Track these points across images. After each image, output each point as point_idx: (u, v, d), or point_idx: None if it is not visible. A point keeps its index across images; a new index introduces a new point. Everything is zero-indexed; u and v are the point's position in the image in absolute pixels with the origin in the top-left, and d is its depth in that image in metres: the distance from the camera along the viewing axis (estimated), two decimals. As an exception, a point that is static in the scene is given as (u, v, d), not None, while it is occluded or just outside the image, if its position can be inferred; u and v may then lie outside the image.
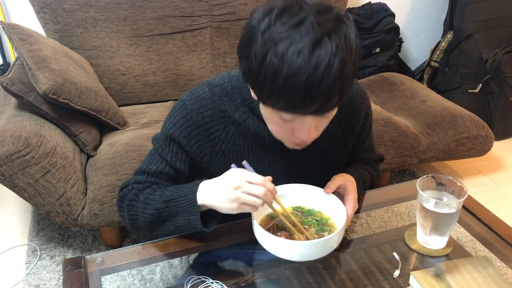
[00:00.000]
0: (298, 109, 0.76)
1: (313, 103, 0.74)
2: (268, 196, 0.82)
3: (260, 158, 0.99)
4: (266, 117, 0.85)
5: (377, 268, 0.94)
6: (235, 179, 0.83)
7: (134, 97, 2.11)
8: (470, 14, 2.46)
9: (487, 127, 2.08)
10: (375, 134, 1.88)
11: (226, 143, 0.96)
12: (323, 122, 0.84)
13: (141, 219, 0.94)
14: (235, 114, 0.95)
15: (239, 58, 0.80)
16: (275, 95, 0.75)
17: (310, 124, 0.81)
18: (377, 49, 2.49)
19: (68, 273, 0.90)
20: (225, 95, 0.95)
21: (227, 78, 0.97)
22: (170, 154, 0.97)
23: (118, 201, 1.00)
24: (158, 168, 0.97)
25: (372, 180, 1.15)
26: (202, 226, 0.89)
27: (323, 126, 0.86)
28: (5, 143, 1.47)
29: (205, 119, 0.94)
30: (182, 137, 0.95)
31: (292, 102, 0.75)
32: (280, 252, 0.85)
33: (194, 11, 2.10)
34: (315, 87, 0.72)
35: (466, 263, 0.88)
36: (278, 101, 0.76)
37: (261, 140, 0.97)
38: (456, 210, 0.91)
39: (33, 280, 1.67)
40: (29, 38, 1.72)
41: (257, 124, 0.95)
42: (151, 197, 0.92)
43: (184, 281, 0.90)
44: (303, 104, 0.75)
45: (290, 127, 0.83)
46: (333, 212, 0.95)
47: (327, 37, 0.71)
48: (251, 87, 0.81)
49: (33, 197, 1.53)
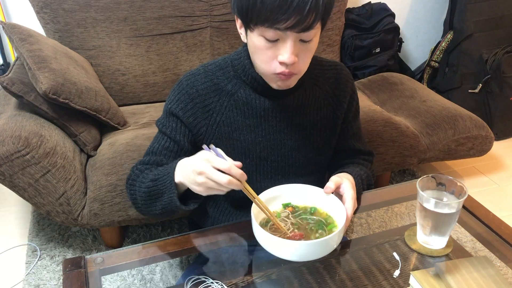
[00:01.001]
0: (278, 21, 0.83)
1: (292, 13, 0.82)
2: (234, 183, 0.82)
3: (253, 130, 1.03)
4: (254, 46, 0.91)
5: (377, 268, 0.94)
6: (201, 164, 0.83)
7: (134, 97, 2.11)
8: (470, 14, 2.46)
9: (487, 127, 2.08)
10: (375, 134, 1.88)
11: (220, 115, 1.02)
12: (304, 50, 0.90)
13: (138, 198, 1.00)
14: (227, 86, 1.03)
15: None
16: (258, 6, 0.83)
17: (291, 44, 0.87)
18: (377, 49, 2.49)
19: (68, 273, 0.90)
20: (218, 69, 1.04)
21: (221, 58, 1.07)
22: (170, 128, 1.04)
23: (126, 183, 1.08)
24: (160, 144, 1.05)
25: (369, 180, 1.15)
26: (179, 204, 0.91)
27: (304, 56, 0.92)
28: (5, 143, 1.47)
29: (199, 92, 1.02)
30: (179, 109, 1.02)
31: (273, 11, 0.82)
32: (280, 252, 0.85)
33: (194, 11, 2.10)
34: None
35: (466, 263, 0.88)
36: (261, 13, 0.84)
37: (253, 111, 1.02)
38: (456, 210, 0.91)
39: (33, 280, 1.67)
40: (29, 38, 1.72)
41: (248, 94, 1.02)
42: (146, 176, 0.98)
43: (184, 281, 0.90)
44: (282, 13, 0.82)
45: (274, 52, 0.89)
46: (333, 212, 0.95)
47: None
48: (239, 14, 0.91)
49: (33, 197, 1.53)
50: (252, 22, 0.87)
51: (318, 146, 1.09)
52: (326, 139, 1.10)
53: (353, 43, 2.44)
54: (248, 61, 1.00)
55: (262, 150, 1.05)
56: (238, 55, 1.03)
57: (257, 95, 1.02)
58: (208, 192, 0.85)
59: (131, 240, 1.85)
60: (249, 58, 0.99)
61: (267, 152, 1.05)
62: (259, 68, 0.96)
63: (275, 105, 1.02)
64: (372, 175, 1.19)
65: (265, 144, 1.04)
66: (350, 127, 1.14)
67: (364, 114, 1.91)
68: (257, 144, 1.04)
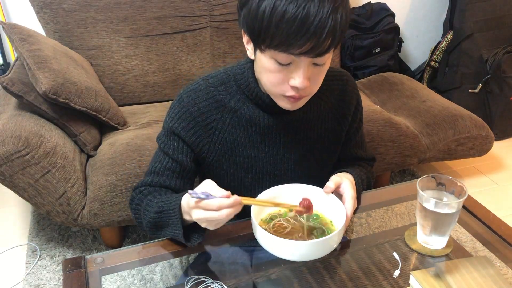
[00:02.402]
0: (293, 46, 0.79)
1: (308, 39, 0.78)
2: (232, 212, 0.82)
3: (256, 145, 1.01)
4: (263, 67, 0.88)
5: (377, 268, 0.94)
6: (196, 213, 0.84)
7: (134, 97, 2.11)
8: (470, 14, 2.46)
9: (487, 127, 2.08)
10: (375, 134, 1.89)
11: (222, 132, 0.99)
12: (317, 73, 0.87)
13: (144, 223, 0.98)
14: (230, 102, 0.99)
15: (239, 10, 0.86)
16: (272, 30, 0.79)
17: (304, 69, 0.84)
18: (377, 49, 2.49)
19: (68, 273, 0.90)
20: (220, 84, 0.99)
21: (222, 70, 1.02)
22: (172, 148, 1.00)
23: (129, 202, 1.06)
24: (162, 164, 1.01)
25: (368, 181, 1.15)
26: (184, 241, 0.91)
27: (316, 79, 0.89)
28: (5, 143, 1.47)
29: (201, 110, 0.98)
30: (180, 129, 0.98)
31: (288, 36, 0.78)
32: (280, 252, 0.85)
33: (194, 11, 2.10)
34: (310, 19, 0.77)
35: (466, 263, 0.88)
36: (275, 37, 0.80)
37: (256, 127, 0.99)
38: (456, 210, 0.91)
39: (33, 280, 1.67)
40: (29, 38, 1.72)
41: (252, 111, 0.98)
42: (150, 204, 0.96)
43: (184, 281, 0.90)
44: (298, 38, 0.78)
45: (286, 75, 0.86)
46: (333, 212, 0.95)
47: None
48: (249, 33, 0.86)
49: (33, 197, 1.53)
50: (264, 44, 0.83)
51: (322, 158, 1.07)
52: (330, 151, 1.09)
53: (353, 43, 2.44)
54: (253, 79, 0.96)
55: (264, 165, 1.03)
56: (241, 69, 0.99)
57: (261, 112, 0.99)
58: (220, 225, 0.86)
59: (131, 240, 1.85)
60: (254, 75, 0.96)
61: (270, 167, 1.03)
62: (267, 88, 0.92)
63: (279, 121, 1.00)
64: (372, 177, 1.19)
65: (268, 159, 1.02)
66: (354, 136, 1.12)
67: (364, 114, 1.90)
68: (260, 160, 1.02)
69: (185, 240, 0.92)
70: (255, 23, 0.81)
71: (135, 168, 1.61)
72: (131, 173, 1.60)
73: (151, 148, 1.66)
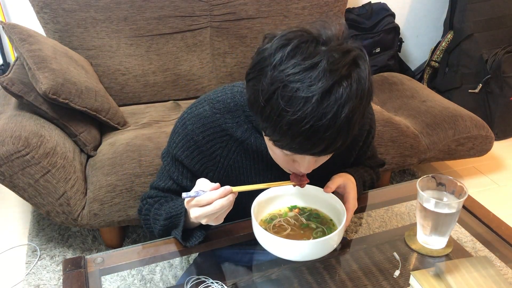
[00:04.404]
0: (300, 152, 0.76)
1: (316, 148, 0.74)
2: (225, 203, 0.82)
3: (261, 173, 0.99)
4: (269, 148, 0.86)
5: (377, 268, 0.94)
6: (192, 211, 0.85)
7: (134, 97, 2.11)
8: (470, 14, 2.46)
9: (487, 127, 2.08)
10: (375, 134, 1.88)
11: (228, 160, 0.97)
12: (325, 158, 0.85)
13: (155, 231, 1.01)
14: (237, 132, 0.94)
15: (247, 81, 0.79)
16: (278, 135, 0.75)
17: (310, 161, 0.82)
18: (377, 49, 2.49)
19: (68, 273, 0.90)
20: (227, 111, 0.94)
21: (230, 94, 0.95)
22: (176, 174, 1.00)
23: (138, 212, 1.09)
24: (166, 185, 1.02)
25: (372, 182, 1.15)
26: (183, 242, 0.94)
27: (324, 160, 0.86)
28: (5, 143, 1.47)
29: (206, 139, 0.94)
30: (184, 157, 0.96)
31: (294, 145, 0.74)
32: (280, 252, 0.85)
33: (194, 11, 2.10)
34: (320, 134, 0.71)
35: (466, 263, 0.88)
36: (280, 141, 0.76)
37: (263, 156, 0.97)
38: (456, 210, 0.91)
39: (33, 280, 1.67)
40: (29, 38, 1.72)
41: (260, 142, 0.95)
42: (158, 213, 0.98)
43: (184, 281, 0.90)
44: (305, 148, 0.74)
45: (292, 159, 0.84)
46: (333, 212, 0.95)
47: (337, 85, 0.70)
48: (259, 125, 0.82)
49: (33, 197, 1.53)
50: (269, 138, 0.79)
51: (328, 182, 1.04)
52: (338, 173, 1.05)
53: (353, 43, 2.44)
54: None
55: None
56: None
57: None
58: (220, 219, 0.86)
59: (131, 240, 1.85)
60: None
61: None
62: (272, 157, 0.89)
63: None
64: (376, 178, 1.17)
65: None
66: (364, 154, 1.10)
67: (364, 114, 1.90)
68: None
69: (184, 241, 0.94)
70: (261, 118, 0.76)
71: (135, 168, 1.61)
72: (131, 173, 1.60)
73: (151, 148, 1.66)
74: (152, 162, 1.62)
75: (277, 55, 0.72)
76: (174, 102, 2.13)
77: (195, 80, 2.17)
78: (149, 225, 1.03)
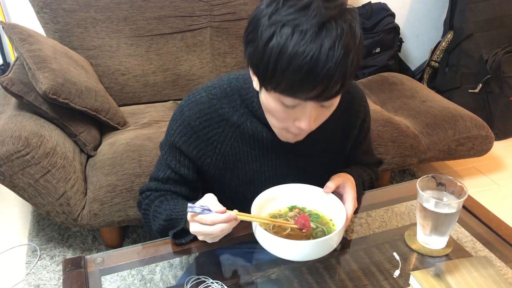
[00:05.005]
0: (300, 92, 0.76)
1: (315, 86, 0.75)
2: (226, 228, 0.84)
3: (258, 159, 1.00)
4: (268, 106, 0.85)
5: (377, 268, 0.94)
6: (193, 226, 0.87)
7: (134, 97, 2.11)
8: (470, 14, 2.46)
9: (487, 127, 2.08)
10: (375, 134, 1.88)
11: (225, 146, 0.98)
12: (323, 113, 0.85)
13: (154, 228, 1.01)
14: (233, 117, 0.96)
15: (245, 43, 0.81)
16: (278, 75, 0.75)
17: (311, 112, 0.81)
18: (377, 49, 2.49)
19: (68, 273, 0.90)
20: (223, 96, 0.96)
21: (226, 80, 0.98)
22: (174, 161, 1.00)
23: (137, 205, 1.09)
24: (165, 175, 1.02)
25: (371, 182, 1.15)
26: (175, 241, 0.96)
27: (322, 118, 0.86)
28: (5, 143, 1.47)
29: (202, 124, 0.96)
30: (181, 143, 0.97)
31: (295, 83, 0.75)
32: (280, 252, 0.85)
33: (194, 11, 2.10)
34: (319, 68, 0.72)
35: (466, 263, 0.88)
36: (281, 83, 0.76)
37: (259, 142, 0.98)
38: (456, 210, 0.91)
39: (33, 280, 1.67)
40: (29, 38, 1.72)
41: (255, 126, 0.96)
42: (158, 210, 0.99)
43: (184, 281, 0.90)
44: (305, 86, 0.75)
45: (291, 115, 0.83)
46: (333, 212, 0.95)
47: (333, 21, 0.73)
48: (254, 72, 0.82)
49: (33, 197, 1.53)
50: (270, 86, 0.79)
51: (325, 172, 1.04)
52: (334, 164, 1.07)
53: (353, 43, 2.44)
54: (257, 100, 0.92)
55: (267, 179, 1.02)
56: (246, 83, 0.95)
57: (265, 127, 0.96)
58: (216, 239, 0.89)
59: (131, 240, 1.85)
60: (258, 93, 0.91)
61: (273, 181, 1.00)
62: (269, 122, 0.90)
63: None
64: (376, 178, 1.18)
65: (271, 174, 1.01)
66: (360, 145, 1.10)
67: (364, 114, 1.91)
68: (262, 173, 1.01)
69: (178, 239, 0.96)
70: (260, 65, 0.77)
71: (135, 168, 1.61)
72: (131, 173, 1.60)
73: (151, 148, 1.66)
74: (152, 162, 1.62)
75: (272, 4, 0.76)
76: (174, 102, 2.13)
77: (195, 80, 2.17)
78: (148, 220, 1.03)
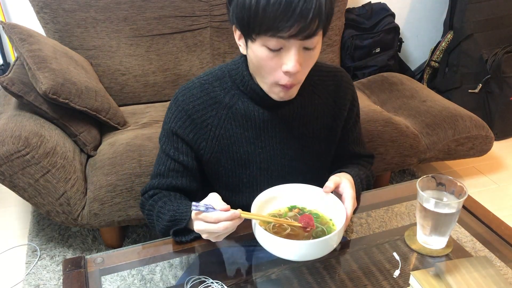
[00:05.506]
0: (281, 29, 0.81)
1: (294, 22, 0.80)
2: (230, 226, 0.85)
3: (252, 141, 1.02)
4: (255, 59, 0.89)
5: (377, 268, 0.94)
6: (197, 224, 0.88)
7: (134, 97, 2.11)
8: (470, 14, 2.46)
9: (487, 127, 2.08)
10: (375, 134, 1.88)
11: (219, 129, 1.01)
12: (308, 57, 0.89)
13: (157, 228, 1.02)
14: (225, 98, 1.00)
15: (228, 6, 0.89)
16: (260, 16, 0.81)
17: (295, 53, 0.85)
18: (377, 49, 2.49)
19: (68, 273, 0.90)
20: (215, 80, 1.01)
21: (218, 67, 1.04)
22: (173, 150, 1.03)
23: (140, 206, 1.10)
24: (166, 166, 1.04)
25: (368, 180, 1.15)
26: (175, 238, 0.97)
27: (308, 64, 0.91)
28: (5, 143, 1.47)
29: (196, 108, 1.00)
30: (177, 127, 1.01)
31: (275, 20, 0.81)
32: (280, 252, 0.85)
33: (194, 11, 2.10)
34: (295, 3, 0.79)
35: (466, 263, 0.88)
36: (263, 23, 0.82)
37: (252, 122, 1.01)
38: (456, 210, 0.91)
39: (33, 280, 1.67)
40: (29, 38, 1.72)
41: (247, 105, 1.00)
42: (162, 211, 0.99)
43: (184, 281, 0.90)
44: (285, 21, 0.80)
45: (278, 61, 0.87)
46: (333, 212, 0.95)
47: None
48: (239, 23, 0.87)
49: (33, 197, 1.53)
50: (254, 32, 0.85)
51: (318, 154, 1.08)
52: (326, 146, 1.09)
53: (353, 43, 2.44)
54: (247, 72, 0.98)
55: (262, 161, 1.04)
56: (235, 65, 1.01)
57: (256, 106, 1.00)
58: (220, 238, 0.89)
59: (131, 240, 1.85)
60: (248, 69, 0.98)
61: (267, 163, 1.04)
62: (261, 79, 0.93)
63: (274, 115, 1.01)
64: (371, 176, 1.19)
65: (265, 155, 1.04)
66: (351, 132, 1.13)
67: (364, 114, 1.91)
68: (257, 155, 1.03)
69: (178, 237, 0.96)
70: (243, 13, 0.84)
71: (135, 168, 1.61)
72: (131, 173, 1.60)
73: (151, 148, 1.66)
74: (152, 162, 1.62)
75: None
76: (174, 102, 2.13)
77: (195, 80, 2.17)
78: (152, 221, 1.04)
